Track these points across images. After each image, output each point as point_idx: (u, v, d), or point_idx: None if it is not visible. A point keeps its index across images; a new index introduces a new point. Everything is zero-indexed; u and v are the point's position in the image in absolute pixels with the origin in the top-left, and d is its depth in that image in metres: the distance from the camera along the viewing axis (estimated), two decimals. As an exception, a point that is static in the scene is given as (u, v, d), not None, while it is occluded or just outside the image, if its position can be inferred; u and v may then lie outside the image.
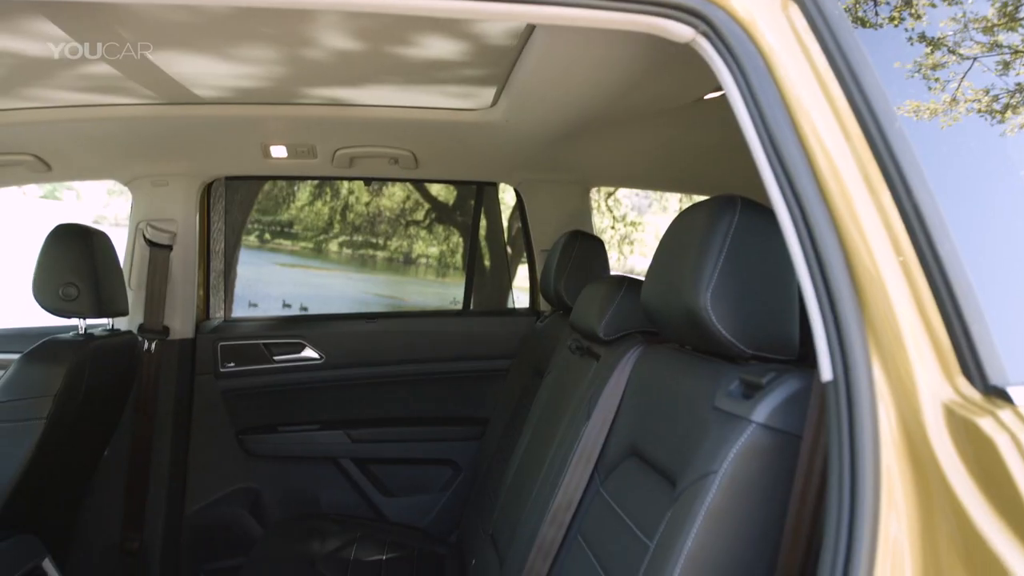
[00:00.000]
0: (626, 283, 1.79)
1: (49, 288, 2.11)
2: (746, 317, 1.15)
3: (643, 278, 1.48)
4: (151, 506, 2.64)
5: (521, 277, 3.34)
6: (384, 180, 3.09)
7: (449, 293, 6.62)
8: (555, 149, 2.50)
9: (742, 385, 1.11)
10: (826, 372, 0.90)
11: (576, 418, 1.67)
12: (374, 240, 6.70)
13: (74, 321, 2.23)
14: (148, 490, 2.63)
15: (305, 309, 5.33)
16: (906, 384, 0.86)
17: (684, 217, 1.31)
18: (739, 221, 1.16)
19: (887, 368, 0.87)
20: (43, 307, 2.13)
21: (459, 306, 3.27)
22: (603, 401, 1.54)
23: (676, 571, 1.01)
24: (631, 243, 12.58)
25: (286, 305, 5.29)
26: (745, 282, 1.16)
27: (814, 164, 0.93)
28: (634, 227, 12.64)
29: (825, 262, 0.90)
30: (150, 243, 2.61)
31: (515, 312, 3.20)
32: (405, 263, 6.56)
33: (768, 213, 1.18)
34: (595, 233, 2.79)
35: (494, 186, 3.21)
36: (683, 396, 1.26)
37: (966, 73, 0.99)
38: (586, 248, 2.41)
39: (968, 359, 0.84)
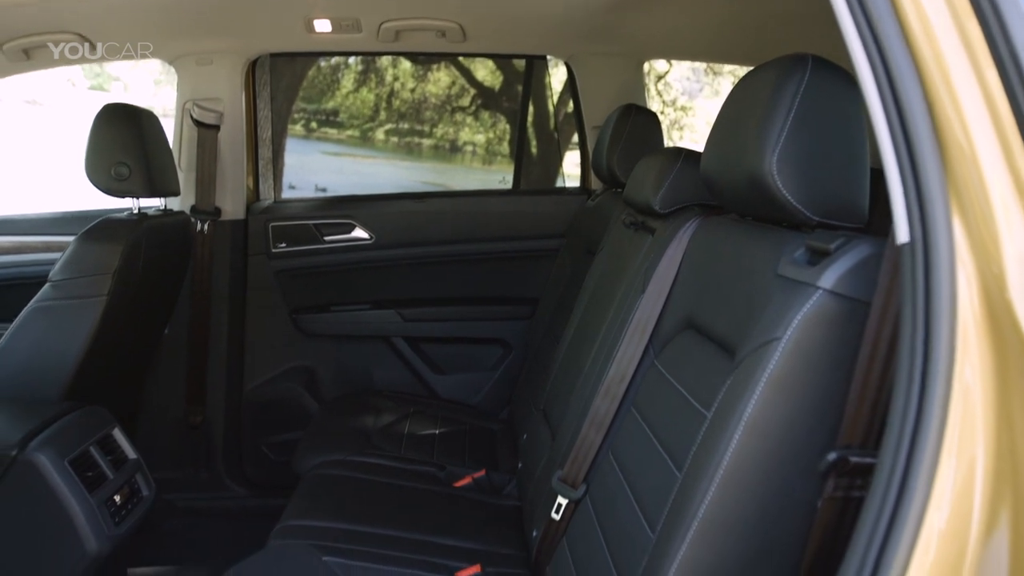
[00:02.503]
0: (683, 154, 1.73)
1: (101, 168, 2.12)
2: (813, 182, 1.10)
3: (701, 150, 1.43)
4: (212, 382, 2.73)
5: (569, 164, 3.27)
6: (431, 55, 3.01)
7: (495, 181, 6.56)
8: (608, 18, 2.38)
9: (808, 252, 1.06)
10: (902, 234, 0.85)
11: (630, 292, 1.64)
12: (420, 127, 6.64)
13: (128, 203, 2.25)
14: (208, 367, 2.71)
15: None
16: (989, 245, 0.81)
17: (749, 78, 1.23)
18: (810, 80, 1.09)
19: (969, 229, 0.82)
20: (96, 187, 2.14)
21: (508, 185, 3.23)
22: (659, 273, 1.51)
23: (735, 439, 1.00)
24: (681, 128, 12.25)
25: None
26: (814, 145, 1.10)
27: (899, 10, 0.85)
28: (684, 112, 12.27)
29: (907, 114, 0.84)
30: (197, 123, 2.59)
31: (566, 191, 3.15)
32: (451, 151, 6.50)
33: (840, 72, 1.11)
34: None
35: (543, 62, 3.11)
36: (744, 265, 1.22)
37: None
38: (640, 122, 2.32)
39: (1061, 219, 0.79)
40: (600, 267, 2.11)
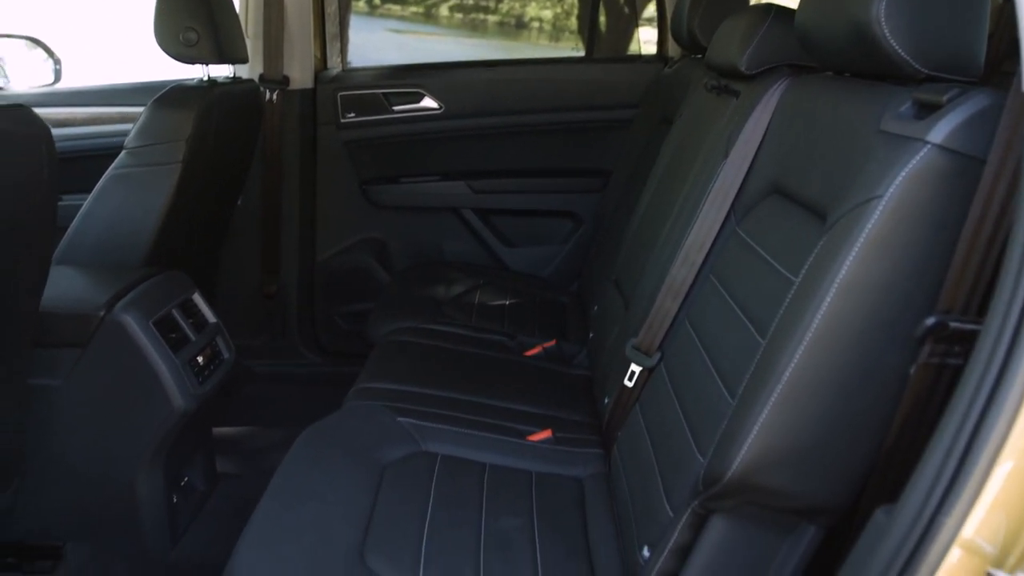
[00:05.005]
0: (774, 10, 1.61)
1: (170, 34, 2.09)
2: (924, 30, 1.00)
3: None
4: (285, 253, 2.77)
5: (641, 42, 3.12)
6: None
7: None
8: None
9: (915, 105, 0.98)
10: (1030, 78, 0.77)
11: (711, 157, 1.57)
12: (485, 3, 6.47)
13: (198, 72, 2.23)
14: (281, 238, 2.75)
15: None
16: None
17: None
18: None
19: None
20: (166, 53, 2.13)
21: (581, 53, 3.10)
22: (743, 137, 1.43)
23: (826, 301, 0.95)
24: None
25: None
26: None
27: None
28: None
29: None
30: (263, -13, 2.54)
31: (641, 58, 3.02)
32: (517, 27, 6.32)
33: None
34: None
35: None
36: (841, 123, 1.14)
37: None
38: None
39: None
40: (678, 134, 2.02)
